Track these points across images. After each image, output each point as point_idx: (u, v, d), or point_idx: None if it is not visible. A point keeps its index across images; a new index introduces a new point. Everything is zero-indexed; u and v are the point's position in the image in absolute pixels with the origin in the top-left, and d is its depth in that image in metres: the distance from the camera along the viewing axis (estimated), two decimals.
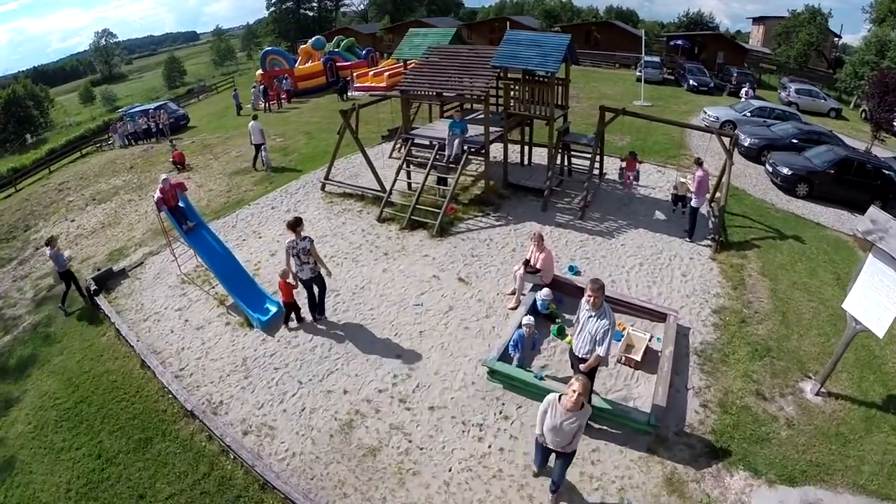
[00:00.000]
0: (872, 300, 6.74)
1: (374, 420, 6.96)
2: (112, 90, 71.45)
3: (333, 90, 29.75)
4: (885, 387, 7.65)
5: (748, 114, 20.85)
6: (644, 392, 7.29)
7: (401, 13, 63.94)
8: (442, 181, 12.95)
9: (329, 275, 8.69)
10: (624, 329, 8.33)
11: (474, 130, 12.57)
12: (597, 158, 13.01)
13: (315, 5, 69.22)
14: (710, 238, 11.23)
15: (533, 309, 8.41)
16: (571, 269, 9.96)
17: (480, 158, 13.48)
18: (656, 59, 32.35)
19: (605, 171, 14.16)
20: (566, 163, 13.94)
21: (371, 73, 29.26)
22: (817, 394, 7.46)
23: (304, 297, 8.86)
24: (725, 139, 11.63)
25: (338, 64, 33.14)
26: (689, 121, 19.27)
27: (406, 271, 10.15)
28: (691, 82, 29.70)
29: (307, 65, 32.98)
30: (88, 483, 6.70)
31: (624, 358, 7.63)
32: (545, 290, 8.38)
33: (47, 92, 60.99)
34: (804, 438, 6.76)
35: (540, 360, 7.70)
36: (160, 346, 8.79)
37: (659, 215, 12.43)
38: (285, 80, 30.45)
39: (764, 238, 11.77)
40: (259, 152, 17.15)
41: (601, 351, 5.72)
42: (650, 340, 7.95)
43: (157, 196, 10.11)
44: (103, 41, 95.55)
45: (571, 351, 6.26)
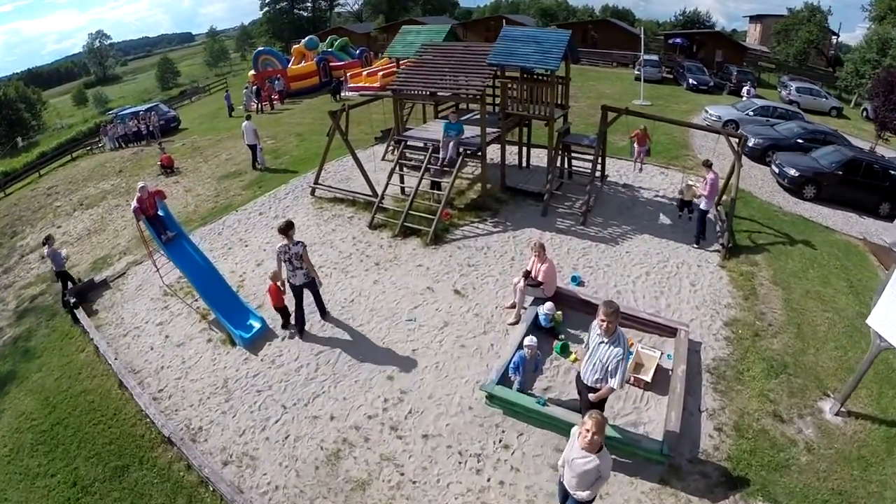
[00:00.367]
0: None
1: (363, 450, 6.40)
2: (104, 92, 70.79)
3: (327, 90, 29.26)
4: None
5: (751, 113, 20.40)
6: (655, 416, 6.76)
7: (395, 13, 63.35)
8: (435, 185, 12.39)
9: (320, 285, 8.50)
10: (632, 346, 7.80)
11: (470, 131, 12.03)
12: (598, 160, 12.46)
13: (309, 5, 68.63)
14: (720, 245, 10.71)
15: (534, 324, 7.86)
16: (574, 280, 9.42)
17: (476, 161, 12.93)
18: (655, 58, 31.86)
19: (607, 173, 13.62)
20: (566, 165, 13.37)
21: (364, 73, 28.69)
22: (837, 413, 7.00)
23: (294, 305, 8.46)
24: (734, 140, 11.09)
25: (331, 64, 32.69)
26: (691, 120, 18.74)
27: (398, 283, 9.60)
28: (691, 81, 29.23)
29: (300, 65, 32.51)
30: None
31: (633, 378, 7.08)
32: (548, 304, 7.83)
33: (39, 94, 60.28)
34: (825, 464, 6.29)
35: (542, 382, 7.15)
36: (139, 365, 8.36)
37: (664, 220, 11.90)
38: (277, 81, 29.93)
39: (773, 243, 11.27)
40: (255, 153, 17.05)
41: (614, 383, 5.17)
42: (661, 358, 7.40)
43: (134, 205, 9.55)
44: (97, 43, 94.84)
45: (579, 377, 5.71)
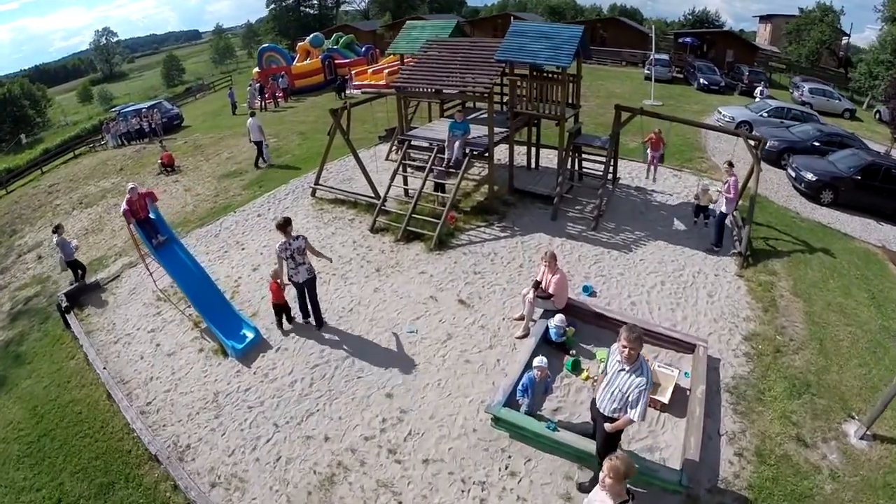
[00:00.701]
0: None
1: (359, 475, 5.96)
2: (109, 89, 71.03)
3: (331, 88, 28.85)
4: None
5: (765, 114, 19.86)
6: (672, 440, 6.30)
7: (402, 11, 62.87)
8: (440, 187, 11.93)
9: (330, 261, 8.66)
10: (647, 362, 7.32)
11: (477, 131, 11.57)
12: (611, 162, 11.98)
13: (315, 3, 68.33)
14: (737, 252, 10.22)
15: (544, 338, 7.39)
16: (586, 290, 8.93)
17: (483, 162, 12.48)
18: (665, 57, 31.26)
19: (619, 176, 13.11)
20: (577, 167, 12.87)
21: (370, 71, 28.29)
22: (862, 437, 6.57)
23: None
24: (752, 143, 10.59)
25: (336, 61, 32.27)
26: (703, 121, 18.19)
27: (400, 291, 9.13)
28: (702, 81, 28.67)
29: (305, 62, 32.14)
30: None
31: (649, 399, 6.58)
32: (559, 317, 7.34)
33: (44, 91, 60.71)
34: (850, 493, 5.86)
35: (552, 402, 6.67)
36: (128, 375, 8.00)
37: (678, 225, 11.40)
38: (282, 78, 29.56)
39: (792, 252, 10.76)
40: (260, 150, 16.86)
41: (634, 415, 4.70)
42: (678, 377, 6.92)
43: (124, 207, 9.14)
44: (103, 40, 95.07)
45: (594, 404, 5.24)
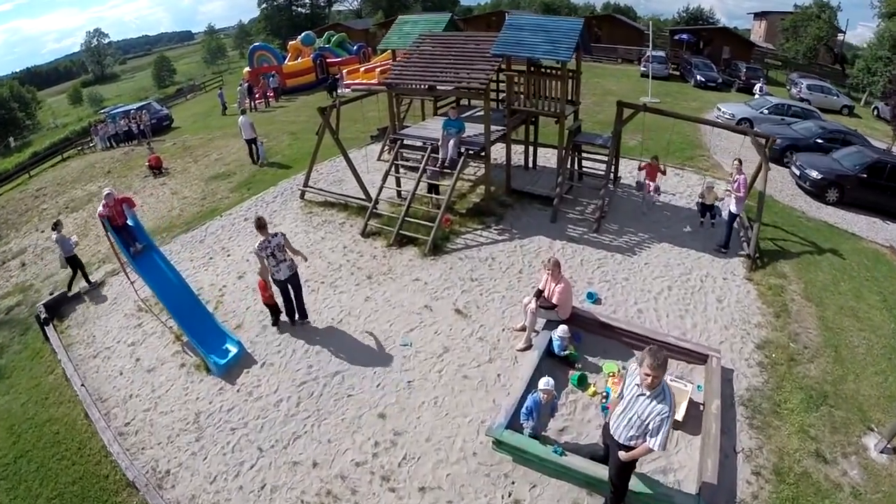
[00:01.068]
0: None
1: None
2: (100, 91, 70.16)
3: (323, 88, 28.33)
4: None
5: (765, 111, 19.47)
6: (686, 460, 5.84)
7: (394, 9, 62.26)
8: (433, 189, 11.46)
9: (305, 260, 8.22)
10: (670, 388, 6.89)
11: (472, 129, 11.10)
12: (612, 161, 11.52)
13: (307, 2, 67.72)
14: (745, 254, 9.79)
15: (547, 351, 6.92)
16: (590, 297, 8.46)
17: (479, 162, 12.00)
18: (661, 54, 30.88)
19: (620, 175, 12.65)
20: (576, 166, 12.40)
21: (362, 70, 27.78)
22: (882, 451, 6.22)
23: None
24: (760, 140, 10.16)
25: (328, 60, 31.76)
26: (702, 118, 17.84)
27: (392, 300, 8.63)
28: (699, 78, 28.34)
29: (296, 62, 31.60)
30: None
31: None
32: (562, 328, 6.87)
33: (34, 94, 59.97)
34: None
35: (558, 421, 6.19)
36: (106, 392, 7.53)
37: (683, 226, 10.96)
38: (273, 78, 29.02)
39: (801, 253, 10.35)
40: (253, 147, 16.69)
41: (655, 444, 4.23)
42: (692, 391, 6.47)
43: (100, 210, 8.62)
44: (95, 41, 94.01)
45: (607, 429, 4.77)
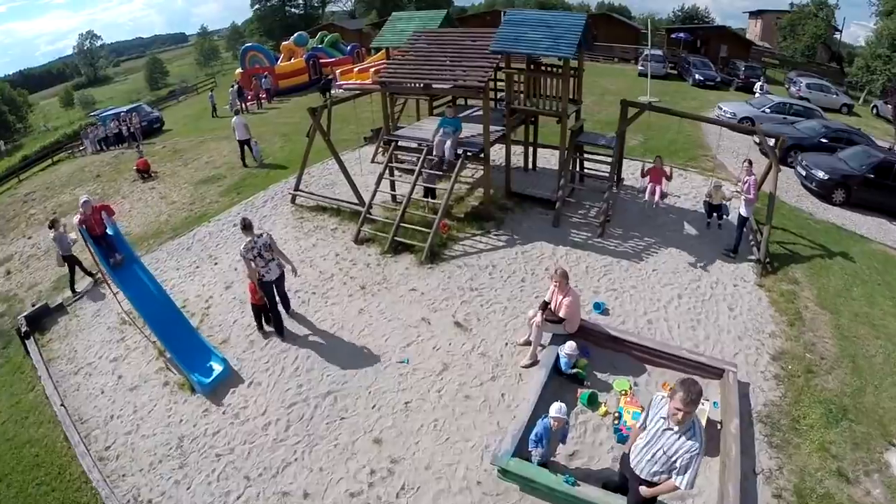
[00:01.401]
0: None
1: None
2: (93, 93, 69.41)
3: (316, 88, 27.88)
4: None
5: (767, 110, 19.14)
6: (705, 484, 5.43)
7: (388, 9, 61.83)
8: (429, 192, 11.00)
9: (295, 273, 7.76)
10: (700, 423, 6.48)
11: (470, 130, 10.67)
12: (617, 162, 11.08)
13: (301, 2, 67.10)
14: (755, 259, 9.41)
15: (554, 368, 6.48)
16: (597, 308, 8.02)
17: (477, 164, 11.55)
18: (659, 53, 30.55)
19: (623, 177, 12.23)
20: (577, 167, 11.98)
21: (356, 70, 27.27)
22: None
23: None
24: (770, 140, 9.77)
25: (321, 61, 31.31)
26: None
27: (388, 312, 8.16)
28: (697, 77, 28.06)
29: (289, 62, 31.17)
30: None
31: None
32: (570, 345, 6.43)
33: (25, 97, 59.30)
34: None
35: (568, 444, 5.75)
36: (87, 412, 7.12)
37: (689, 229, 10.57)
38: (265, 79, 28.52)
39: (811, 257, 9.97)
40: (245, 148, 16.38)
41: (683, 483, 3.82)
42: (709, 409, 6.06)
43: (78, 218, 8.15)
44: (87, 43, 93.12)
45: (626, 460, 4.34)
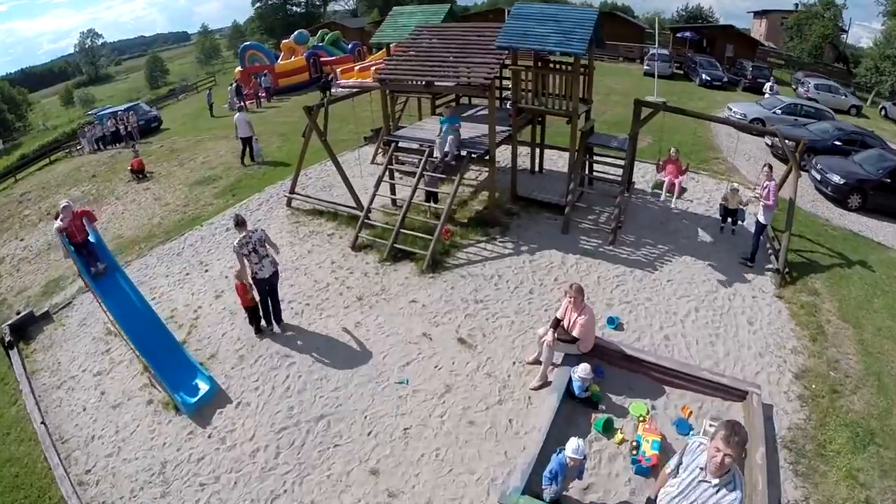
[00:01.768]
0: None
1: None
2: (94, 92, 69.01)
3: (316, 87, 27.42)
4: None
5: (778, 111, 18.61)
6: None
7: (391, 7, 61.36)
8: (431, 196, 10.53)
9: (277, 252, 7.41)
10: (689, 416, 6.01)
11: (473, 130, 10.21)
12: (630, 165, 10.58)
13: (302, 1, 66.64)
14: (774, 269, 8.93)
15: (566, 390, 5.98)
16: (611, 323, 7.53)
17: (482, 166, 11.05)
18: (665, 52, 30.02)
19: (634, 180, 11.74)
20: (587, 170, 11.48)
21: (357, 69, 26.83)
22: None
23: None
24: (790, 143, 9.28)
25: (322, 59, 30.86)
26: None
27: (386, 326, 7.66)
28: (703, 77, 27.55)
29: (289, 60, 30.75)
30: None
31: None
32: (584, 367, 5.94)
33: (25, 95, 58.98)
34: None
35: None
36: (68, 431, 6.70)
37: (703, 235, 10.09)
38: (265, 77, 28.09)
39: (830, 266, 9.49)
40: (248, 146, 16.22)
41: None
42: None
43: (58, 224, 7.69)
44: (88, 42, 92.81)
45: None
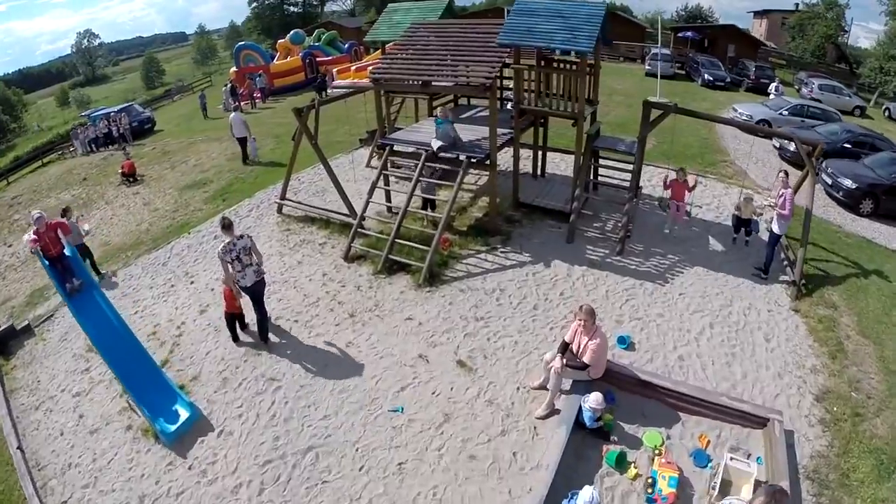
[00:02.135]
0: None
1: None
2: (90, 93, 68.52)
3: (311, 88, 27.00)
4: None
5: (785, 112, 18.16)
6: None
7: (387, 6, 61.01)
8: (428, 204, 10.05)
9: (260, 261, 7.13)
10: (706, 445, 5.56)
11: (475, 133, 9.76)
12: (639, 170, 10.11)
13: (299, 0, 66.23)
14: (790, 282, 8.48)
15: (576, 421, 5.50)
16: (622, 342, 7.03)
17: (481, 171, 10.59)
18: (667, 52, 29.58)
19: (641, 185, 11.28)
20: (592, 175, 10.95)
21: (353, 69, 26.41)
22: None
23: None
24: (805, 148, 8.80)
25: (318, 59, 30.44)
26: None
27: (379, 346, 7.15)
28: (706, 77, 27.11)
29: (285, 61, 30.36)
30: None
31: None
32: (595, 397, 5.42)
33: (20, 96, 58.46)
34: None
35: None
36: (45, 457, 6.34)
37: (714, 244, 9.64)
38: (259, 77, 27.66)
39: (846, 276, 9.05)
40: (245, 146, 16.08)
41: None
42: (755, 468, 5.13)
43: (30, 237, 7.24)
44: (85, 42, 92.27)
45: None
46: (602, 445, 5.47)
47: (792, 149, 14.84)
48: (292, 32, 32.71)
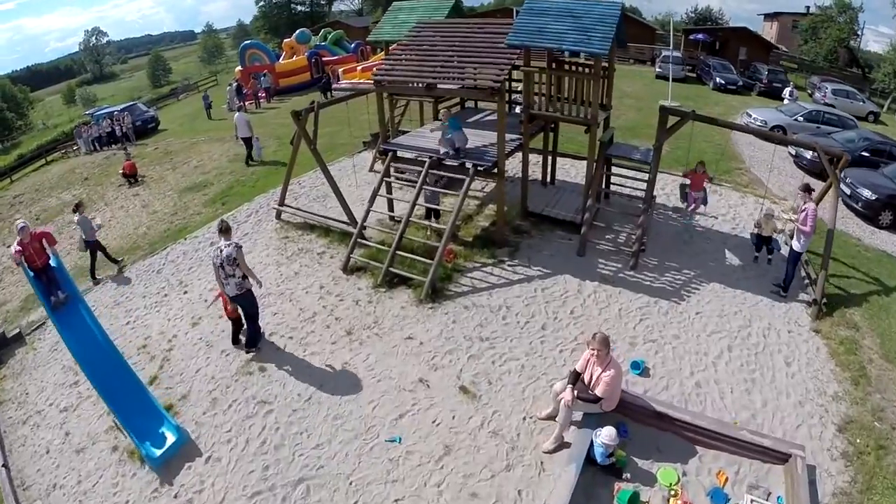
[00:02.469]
0: None
1: None
2: (97, 90, 68.60)
3: (317, 88, 26.73)
4: None
5: (800, 118, 17.69)
6: None
7: None
8: (432, 213, 9.70)
9: (259, 285, 7.00)
10: (724, 482, 5.19)
11: (482, 139, 9.38)
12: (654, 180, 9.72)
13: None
14: (811, 301, 8.07)
15: (587, 456, 5.12)
16: (636, 368, 6.64)
17: (488, 179, 10.23)
18: (678, 55, 29.09)
19: (655, 195, 10.88)
20: (604, 184, 10.54)
21: (359, 69, 26.08)
22: None
23: None
24: (827, 158, 8.37)
25: (324, 59, 30.12)
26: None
27: (377, 368, 6.78)
28: (718, 80, 26.64)
29: (291, 60, 30.08)
30: None
31: None
32: (608, 433, 5.03)
33: (26, 94, 58.45)
34: None
35: None
36: (30, 476, 6.10)
37: (731, 258, 9.23)
38: (264, 77, 27.38)
39: (867, 294, 8.61)
40: (250, 146, 15.98)
41: None
42: None
43: (16, 249, 6.94)
44: (93, 40, 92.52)
45: None
46: (614, 483, 5.09)
47: (809, 157, 14.39)
48: (298, 31, 32.47)
